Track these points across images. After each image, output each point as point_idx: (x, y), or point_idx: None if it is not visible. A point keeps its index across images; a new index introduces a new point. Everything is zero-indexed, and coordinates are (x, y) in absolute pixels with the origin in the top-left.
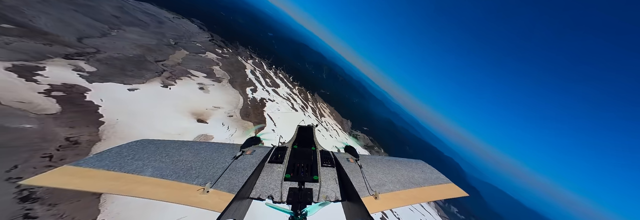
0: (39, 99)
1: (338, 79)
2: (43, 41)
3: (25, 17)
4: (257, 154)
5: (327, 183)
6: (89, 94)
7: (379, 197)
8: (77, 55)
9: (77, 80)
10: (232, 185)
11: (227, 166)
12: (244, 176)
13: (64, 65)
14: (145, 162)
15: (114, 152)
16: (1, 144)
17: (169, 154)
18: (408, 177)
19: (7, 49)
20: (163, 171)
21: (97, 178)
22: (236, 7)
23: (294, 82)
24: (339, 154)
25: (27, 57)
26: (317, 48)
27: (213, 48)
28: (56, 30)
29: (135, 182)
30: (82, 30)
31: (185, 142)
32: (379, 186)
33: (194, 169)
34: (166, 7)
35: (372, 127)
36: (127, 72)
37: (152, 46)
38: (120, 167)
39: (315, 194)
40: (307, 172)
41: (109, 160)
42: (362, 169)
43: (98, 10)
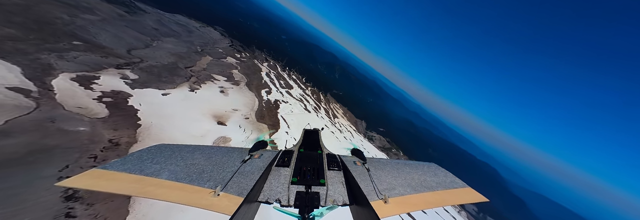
0: (93, 104)
1: (351, 78)
2: (101, 54)
3: (90, 34)
4: (265, 157)
5: (334, 186)
6: (131, 99)
7: (388, 201)
8: (125, 65)
9: (122, 87)
10: (241, 189)
11: (236, 170)
12: (252, 180)
13: (114, 74)
14: (162, 165)
15: (135, 156)
16: (59, 145)
17: (183, 157)
18: (420, 180)
19: (74, 62)
20: (178, 174)
21: (121, 181)
22: (252, 13)
23: (307, 83)
24: (345, 157)
25: (88, 68)
26: (329, 48)
27: (233, 53)
28: (111, 44)
29: (153, 185)
30: (130, 43)
31: (198, 146)
32: (388, 190)
33: (206, 172)
34: (194, 17)
35: (389, 128)
36: (162, 78)
37: (183, 54)
38: (141, 171)
39: (323, 198)
40: (314, 176)
41: (131, 163)
42: (370, 172)
43: (142, 25)
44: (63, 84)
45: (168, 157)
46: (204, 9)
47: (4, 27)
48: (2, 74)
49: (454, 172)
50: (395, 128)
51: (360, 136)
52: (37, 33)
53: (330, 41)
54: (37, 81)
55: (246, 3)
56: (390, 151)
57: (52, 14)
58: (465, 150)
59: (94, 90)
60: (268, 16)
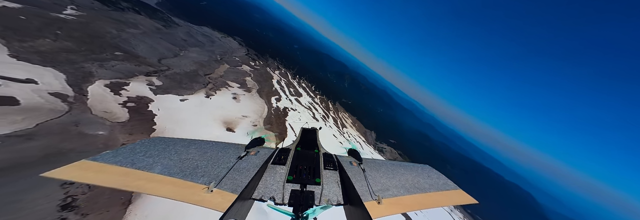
0: (117, 109)
1: (361, 87)
2: (135, 63)
3: (130, 45)
4: (261, 154)
5: (329, 186)
6: (152, 105)
7: (382, 201)
8: (153, 73)
9: (147, 93)
10: (235, 186)
11: (232, 166)
12: (247, 177)
13: (142, 81)
14: (155, 159)
15: (128, 149)
16: (74, 149)
17: (178, 151)
18: (413, 182)
19: (111, 70)
20: (171, 169)
21: (110, 173)
22: (268, 24)
23: (316, 91)
24: (342, 157)
25: (121, 75)
26: (339, 57)
27: (248, 61)
28: (146, 54)
29: (144, 179)
30: (162, 53)
31: (193, 140)
32: (382, 191)
33: (200, 167)
34: (217, 28)
35: (401, 140)
36: (183, 84)
37: (204, 62)
38: (132, 164)
39: (317, 197)
40: (310, 175)
41: (123, 156)
42: (365, 172)
43: (174, 37)
44: (97, 90)
45: (162, 151)
46: (226, 21)
47: (63, 40)
48: (48, 80)
49: (478, 193)
50: (408, 140)
51: (369, 147)
52: (88, 45)
53: (340, 50)
54: (75, 87)
55: (262, 14)
56: None
57: (104, 29)
58: (490, 168)
59: (122, 96)
60: (282, 26)
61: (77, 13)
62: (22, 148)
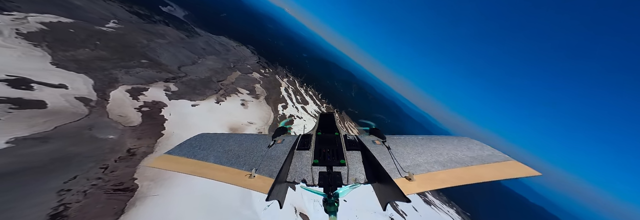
0: (132, 113)
1: (368, 97)
2: (157, 70)
3: (156, 54)
4: (286, 142)
5: (354, 166)
6: (164, 109)
7: (413, 178)
8: (172, 79)
9: (162, 98)
10: (271, 171)
11: (264, 154)
12: (279, 163)
13: (160, 87)
14: (207, 151)
15: (187, 144)
16: (81, 154)
17: (221, 144)
18: (449, 156)
19: (135, 76)
20: (221, 159)
21: (183, 164)
22: (280, 33)
23: (323, 99)
24: (363, 137)
25: (143, 81)
26: (347, 67)
27: (258, 69)
28: (168, 61)
29: (205, 167)
30: (182, 61)
31: (230, 134)
32: (412, 167)
33: (241, 156)
34: (233, 37)
35: None
36: (196, 90)
37: (218, 69)
38: (194, 156)
39: (344, 177)
40: (334, 157)
41: (186, 149)
42: (390, 150)
43: (195, 46)
44: (118, 95)
45: (211, 144)
46: (242, 30)
47: (100, 50)
48: (78, 85)
49: (501, 217)
50: None
51: None
52: (120, 54)
53: (348, 60)
54: (100, 92)
55: (275, 24)
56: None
57: (136, 39)
58: (512, 189)
59: (139, 101)
60: (292, 36)
61: (117, 26)
62: (32, 152)
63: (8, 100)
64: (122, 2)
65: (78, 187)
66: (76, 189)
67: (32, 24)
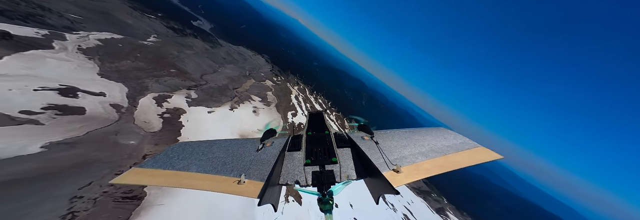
0: (155, 119)
1: (379, 106)
2: (182, 78)
3: (183, 64)
4: (276, 144)
5: (346, 163)
6: (183, 116)
7: (400, 170)
8: (194, 87)
9: (183, 105)
10: (261, 175)
11: (253, 159)
12: (269, 166)
13: (182, 94)
14: (188, 160)
15: (163, 155)
16: (101, 159)
17: (204, 152)
18: (430, 146)
19: (162, 84)
20: (205, 167)
21: (159, 176)
22: (293, 43)
23: (332, 107)
24: (352, 134)
25: (169, 89)
26: (358, 75)
27: (271, 76)
28: (193, 70)
29: (187, 178)
30: (205, 69)
31: (213, 141)
32: (399, 160)
33: (227, 163)
34: (250, 47)
35: None
36: (213, 97)
37: (235, 77)
38: (172, 166)
39: (337, 175)
40: (325, 155)
41: (162, 161)
42: (378, 145)
43: (217, 55)
44: (145, 102)
45: (191, 153)
46: (258, 40)
47: (139, 61)
48: (114, 93)
49: None
50: None
51: None
52: (154, 64)
53: (359, 69)
54: (131, 99)
55: (288, 34)
56: (429, 195)
57: (169, 51)
58: (545, 208)
59: (162, 107)
60: (305, 46)
61: (155, 40)
62: (59, 156)
63: (55, 107)
64: (162, 19)
65: (90, 194)
66: (88, 196)
67: (92, 40)
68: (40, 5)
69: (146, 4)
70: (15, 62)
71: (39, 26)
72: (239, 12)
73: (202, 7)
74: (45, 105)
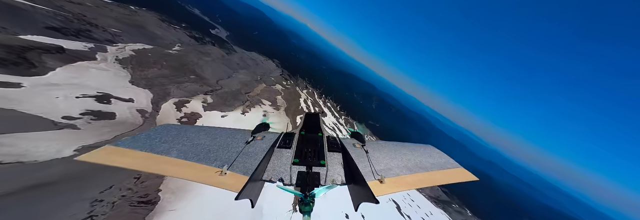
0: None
1: (391, 110)
2: (199, 83)
3: (201, 70)
4: (267, 139)
5: (333, 167)
6: (199, 120)
7: (384, 181)
8: (210, 92)
9: (199, 109)
10: (246, 168)
11: (241, 150)
12: (256, 160)
13: (199, 99)
14: (170, 144)
15: (144, 136)
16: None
17: (189, 137)
18: (415, 161)
19: (182, 90)
20: (186, 153)
21: (134, 157)
22: (302, 48)
23: (341, 111)
24: (345, 140)
25: (187, 94)
26: (367, 78)
27: (281, 81)
28: (209, 76)
29: (164, 162)
30: (220, 75)
31: (202, 127)
32: (385, 171)
33: (212, 152)
34: (262, 53)
35: None
36: (227, 102)
37: (247, 82)
38: (152, 149)
39: (323, 178)
40: (314, 157)
41: (141, 142)
42: (368, 154)
43: (231, 61)
44: (166, 107)
45: (175, 137)
46: (269, 46)
47: (164, 69)
48: (141, 99)
49: None
50: None
51: None
52: (177, 71)
53: (369, 72)
54: (154, 105)
55: (298, 39)
56: (449, 206)
57: (190, 58)
58: None
59: (181, 112)
60: (313, 49)
61: (179, 48)
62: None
63: (91, 112)
64: (185, 29)
65: (109, 198)
66: (107, 200)
67: (127, 51)
68: (90, 22)
69: (172, 16)
70: (65, 72)
71: (87, 40)
72: (252, 19)
73: (219, 16)
74: (83, 111)
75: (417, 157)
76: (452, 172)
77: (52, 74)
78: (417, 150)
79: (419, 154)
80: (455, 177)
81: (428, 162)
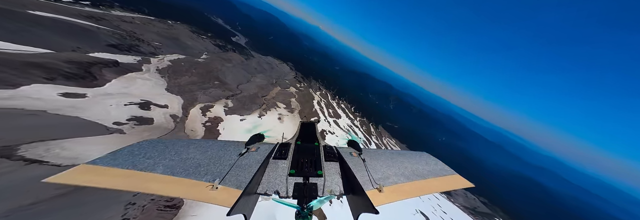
0: (199, 128)
1: (412, 110)
2: (222, 88)
3: (224, 75)
4: (262, 150)
5: (331, 177)
6: (221, 124)
7: (383, 190)
8: (231, 96)
9: (221, 114)
10: (239, 182)
11: (234, 163)
12: (250, 173)
13: (222, 104)
14: (156, 160)
15: (126, 152)
16: None
17: (177, 152)
18: (412, 169)
19: (208, 95)
20: (173, 169)
21: (113, 176)
22: (315, 50)
23: (356, 112)
24: (342, 149)
25: (212, 99)
26: (383, 78)
27: (295, 83)
28: (231, 81)
29: (148, 180)
30: (240, 80)
31: (191, 140)
32: (382, 179)
33: (202, 166)
34: (277, 56)
35: (485, 183)
36: (245, 106)
37: (264, 85)
38: (134, 166)
39: (320, 189)
40: (311, 167)
41: (122, 158)
42: (365, 162)
43: (250, 66)
44: (194, 112)
45: (161, 152)
46: (283, 50)
47: (193, 76)
48: (174, 105)
49: None
50: (501, 185)
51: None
52: (203, 78)
53: (386, 71)
54: (184, 110)
55: (311, 42)
56: (492, 219)
57: (215, 65)
58: None
59: (206, 116)
60: (326, 51)
61: (206, 57)
62: None
63: (135, 118)
64: (211, 38)
65: (141, 201)
66: (139, 203)
67: (165, 61)
68: (139, 38)
69: (200, 27)
70: (118, 83)
71: (136, 54)
72: (267, 24)
73: (239, 24)
74: (129, 117)
75: (413, 164)
76: (449, 179)
77: (108, 85)
78: (413, 157)
79: (415, 162)
80: (451, 184)
81: (425, 169)
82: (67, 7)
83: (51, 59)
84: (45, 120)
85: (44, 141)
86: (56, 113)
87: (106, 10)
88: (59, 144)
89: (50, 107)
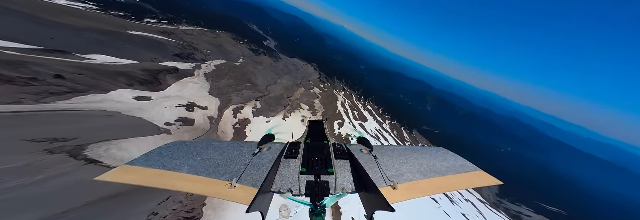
0: (229, 129)
1: (457, 113)
2: (252, 90)
3: (255, 78)
4: (273, 150)
5: (342, 175)
6: (248, 126)
7: (397, 187)
8: (260, 98)
9: (249, 115)
10: (254, 181)
11: (248, 163)
12: (264, 172)
13: (251, 105)
14: (181, 161)
15: (156, 153)
16: None
17: (199, 153)
18: (429, 166)
19: (240, 97)
20: (197, 169)
21: (148, 175)
22: (339, 49)
23: (385, 115)
24: (352, 146)
25: (243, 101)
26: (418, 76)
27: (319, 84)
28: (261, 83)
29: (176, 179)
30: (269, 81)
31: (210, 142)
32: (396, 176)
33: (221, 166)
34: (302, 58)
35: (572, 206)
36: (271, 107)
37: (289, 86)
38: (164, 166)
39: (332, 187)
40: (322, 166)
41: (154, 160)
42: (377, 159)
43: (278, 68)
44: (227, 114)
45: (186, 153)
46: (308, 51)
47: (231, 79)
48: (212, 107)
49: None
50: (596, 209)
51: (490, 210)
52: (238, 80)
53: (421, 68)
54: (219, 112)
55: (335, 42)
56: None
57: (249, 69)
58: None
59: (236, 118)
60: (351, 50)
61: (243, 61)
62: None
63: (181, 119)
64: (247, 44)
65: (163, 211)
66: (161, 214)
67: (211, 67)
68: (195, 47)
69: (239, 34)
70: (176, 87)
71: (191, 61)
72: (294, 27)
73: (270, 28)
74: (177, 118)
75: (429, 161)
76: (471, 176)
77: (168, 89)
78: (429, 153)
79: (432, 158)
80: (475, 181)
81: (443, 166)
82: (151, 26)
83: (132, 69)
84: (118, 121)
85: (108, 141)
86: (127, 114)
87: (176, 26)
88: (119, 144)
89: (125, 108)
